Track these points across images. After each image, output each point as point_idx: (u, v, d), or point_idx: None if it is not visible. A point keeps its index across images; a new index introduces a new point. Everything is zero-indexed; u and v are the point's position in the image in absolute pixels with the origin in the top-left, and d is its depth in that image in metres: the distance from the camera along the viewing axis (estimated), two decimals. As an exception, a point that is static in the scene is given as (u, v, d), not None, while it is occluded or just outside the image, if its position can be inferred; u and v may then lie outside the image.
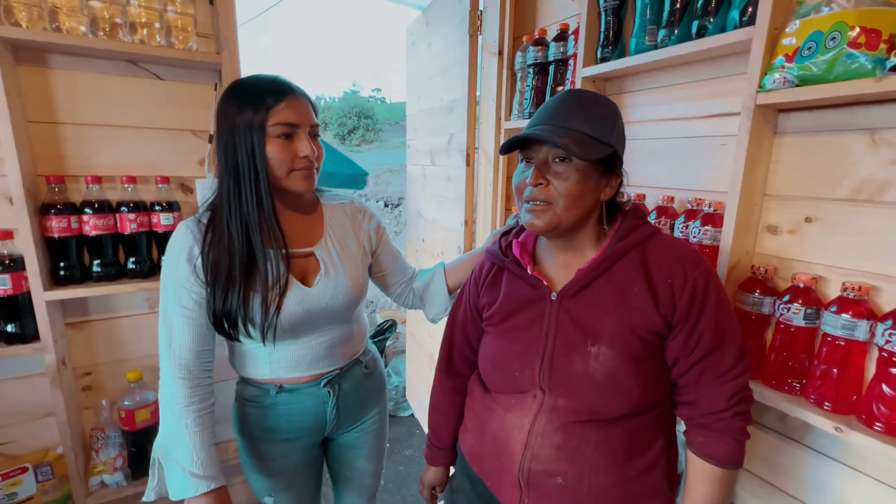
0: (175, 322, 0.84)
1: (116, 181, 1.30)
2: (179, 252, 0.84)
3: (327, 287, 0.92)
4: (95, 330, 1.37)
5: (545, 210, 0.69)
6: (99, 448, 1.33)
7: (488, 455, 0.78)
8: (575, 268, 0.74)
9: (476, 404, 0.84)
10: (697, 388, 0.69)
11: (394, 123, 16.22)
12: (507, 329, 0.78)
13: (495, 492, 0.78)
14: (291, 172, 0.86)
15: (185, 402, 0.84)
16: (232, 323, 0.85)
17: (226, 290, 0.83)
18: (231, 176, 0.84)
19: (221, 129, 0.84)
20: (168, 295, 0.85)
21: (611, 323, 0.68)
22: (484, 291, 0.84)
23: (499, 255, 0.82)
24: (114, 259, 1.28)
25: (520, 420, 0.73)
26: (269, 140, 0.82)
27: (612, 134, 0.69)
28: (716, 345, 0.67)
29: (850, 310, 0.75)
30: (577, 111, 0.69)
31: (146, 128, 1.33)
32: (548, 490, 0.71)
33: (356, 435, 1.09)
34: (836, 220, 0.81)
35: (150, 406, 1.36)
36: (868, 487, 0.81)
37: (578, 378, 0.69)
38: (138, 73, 1.30)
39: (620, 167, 0.73)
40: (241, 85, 0.86)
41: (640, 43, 1.07)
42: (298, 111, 0.85)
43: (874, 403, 0.73)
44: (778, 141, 0.88)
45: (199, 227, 0.86)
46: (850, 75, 0.70)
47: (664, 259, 0.69)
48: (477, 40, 1.69)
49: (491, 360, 0.80)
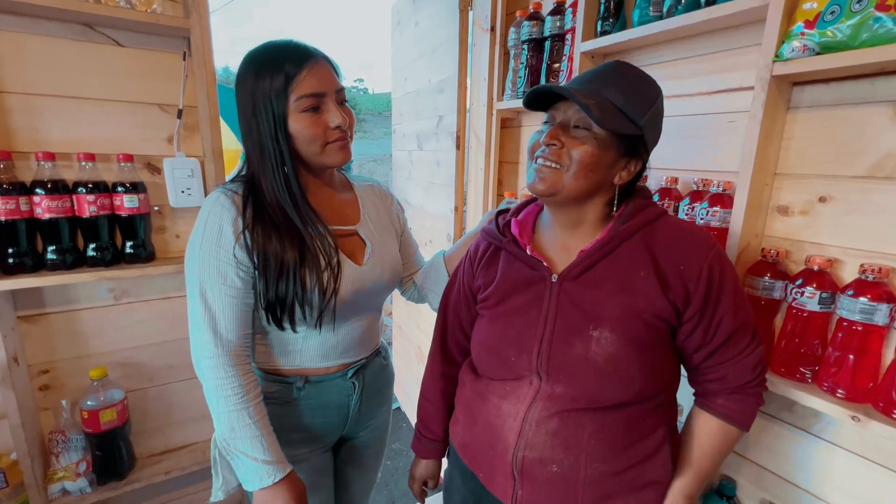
0: (220, 304, 0.76)
1: (73, 158, 1.18)
2: (221, 224, 0.76)
3: (375, 266, 0.90)
4: (53, 324, 1.25)
5: (553, 172, 0.66)
6: (59, 452, 1.22)
7: (480, 445, 0.75)
8: (576, 249, 0.70)
9: (467, 394, 0.80)
10: (724, 367, 0.69)
11: (377, 114, 16.00)
12: (504, 312, 0.74)
13: (487, 484, 0.75)
14: (326, 146, 0.80)
15: (244, 392, 0.77)
16: (288, 309, 0.78)
17: (279, 273, 0.77)
18: (258, 156, 0.79)
19: (242, 108, 0.79)
20: (208, 273, 0.75)
21: (614, 306, 0.65)
22: (479, 272, 0.80)
23: (496, 234, 0.78)
24: (71, 245, 1.17)
25: (514, 408, 0.70)
26: (295, 116, 0.77)
27: (646, 116, 0.65)
28: (737, 326, 0.67)
29: (869, 293, 0.71)
30: (615, 80, 0.65)
31: (106, 100, 1.21)
32: (542, 479, 0.68)
33: (370, 434, 1.03)
34: (853, 199, 0.77)
35: (117, 405, 1.25)
36: (879, 477, 0.78)
37: (578, 363, 0.66)
38: (96, 39, 1.17)
39: (645, 152, 0.68)
40: (254, 58, 0.78)
41: (643, 14, 1.01)
42: (322, 78, 0.78)
43: (893, 390, 0.70)
44: (791, 116, 0.84)
45: (234, 197, 0.79)
46: (877, 41, 0.65)
47: (673, 243, 0.66)
48: (468, 15, 1.61)
49: (485, 344, 0.76)
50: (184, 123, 1.30)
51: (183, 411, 1.46)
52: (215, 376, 0.76)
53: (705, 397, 0.72)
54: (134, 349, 1.36)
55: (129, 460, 1.34)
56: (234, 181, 0.83)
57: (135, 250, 1.23)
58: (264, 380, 0.89)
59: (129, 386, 1.36)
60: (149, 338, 1.37)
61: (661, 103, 0.68)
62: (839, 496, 0.84)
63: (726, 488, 0.96)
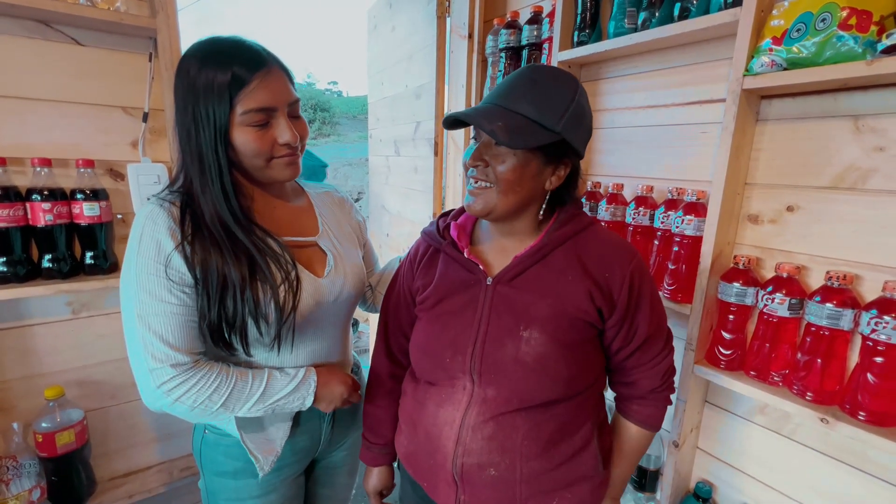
0: (163, 322, 0.67)
1: (26, 164, 1.10)
2: (158, 238, 0.68)
3: (337, 278, 0.83)
4: (2, 340, 1.16)
5: (485, 192, 0.68)
6: (10, 479, 1.13)
7: (422, 453, 0.76)
8: (513, 253, 0.72)
9: (408, 404, 0.81)
10: (636, 371, 0.74)
11: (351, 117, 15.82)
12: (440, 313, 0.74)
13: (431, 493, 0.76)
14: (272, 161, 0.73)
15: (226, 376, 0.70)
16: (238, 328, 0.71)
17: (222, 289, 0.69)
18: (196, 167, 0.70)
19: (180, 108, 0.70)
20: (146, 292, 0.67)
21: (544, 308, 0.68)
22: (419, 274, 0.80)
23: (435, 236, 0.79)
24: (24, 256, 1.09)
25: (451, 415, 0.71)
26: (240, 129, 0.69)
27: (563, 119, 0.64)
28: (652, 332, 0.72)
29: (835, 299, 0.74)
30: (527, 90, 0.65)
31: (64, 101, 1.13)
32: (482, 483, 0.70)
33: (343, 454, 0.98)
34: (819, 209, 0.81)
35: (75, 426, 1.17)
36: (846, 476, 0.81)
37: (508, 363, 0.68)
38: (52, 37, 1.10)
39: (573, 155, 0.68)
40: (198, 52, 0.69)
41: (618, 26, 1.03)
42: (274, 90, 0.70)
43: (858, 393, 0.73)
44: (760, 129, 0.87)
45: (171, 209, 0.70)
46: (839, 58, 0.69)
47: (601, 252, 0.70)
48: (445, 22, 1.61)
49: (421, 347, 0.77)
50: (150, 127, 1.24)
51: (148, 430, 1.38)
52: (186, 393, 0.67)
53: (622, 402, 0.79)
54: (94, 366, 1.28)
55: (89, 484, 1.25)
56: (169, 191, 0.74)
57: (95, 261, 1.16)
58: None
59: (88, 405, 1.27)
60: (110, 353, 1.29)
61: (581, 99, 0.66)
62: (812, 496, 0.87)
63: (703, 491, 0.98)
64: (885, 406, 0.70)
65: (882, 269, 0.74)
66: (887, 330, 0.68)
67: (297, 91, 0.76)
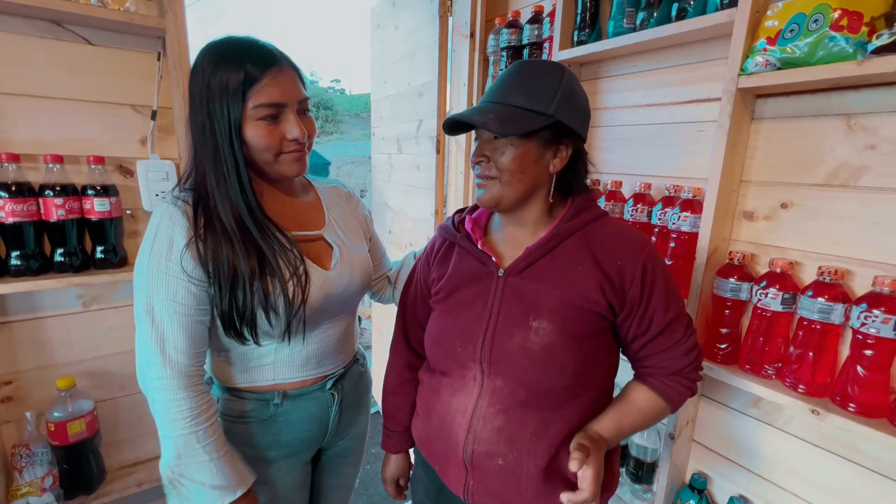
0: (168, 322, 0.71)
1: (39, 160, 1.13)
2: (171, 236, 0.71)
3: (344, 270, 0.86)
4: (16, 332, 1.19)
5: (492, 183, 0.70)
6: (23, 467, 1.16)
7: (435, 438, 0.79)
8: (524, 245, 0.73)
9: (425, 392, 0.84)
10: (661, 356, 0.73)
11: (354, 115, 15.83)
12: (452, 304, 0.77)
13: (442, 475, 0.79)
14: (280, 156, 0.76)
15: (193, 415, 0.73)
16: (248, 320, 0.75)
17: (233, 281, 0.73)
18: (211, 161, 0.73)
19: (194, 104, 0.73)
20: (156, 290, 0.71)
21: (554, 299, 0.69)
22: (434, 267, 0.84)
23: (451, 230, 0.82)
24: (37, 250, 1.12)
25: (463, 404, 0.74)
26: (251, 123, 0.72)
27: (553, 102, 0.66)
28: (670, 318, 0.71)
29: (826, 294, 0.75)
30: (517, 83, 0.68)
31: (75, 100, 1.16)
32: (490, 471, 0.72)
33: (348, 443, 1.01)
34: (812, 206, 0.82)
35: (86, 416, 1.21)
36: (836, 466, 0.83)
37: (516, 352, 0.69)
38: (64, 37, 1.13)
39: (574, 137, 0.70)
40: (213, 52, 0.72)
41: (617, 26, 1.05)
42: (284, 87, 0.73)
43: (848, 385, 0.74)
44: (755, 127, 0.88)
45: (185, 208, 0.74)
46: (831, 58, 0.70)
47: (612, 243, 0.70)
48: (447, 21, 1.63)
49: (434, 337, 0.79)
50: (158, 125, 1.26)
51: (156, 421, 1.41)
52: (164, 398, 0.72)
53: (644, 378, 0.75)
54: (104, 357, 1.31)
55: (99, 473, 1.29)
56: (181, 188, 0.78)
57: (105, 255, 1.19)
58: (233, 399, 0.85)
59: (98, 396, 1.31)
60: (120, 345, 1.33)
61: (569, 80, 0.68)
62: (804, 487, 0.88)
63: (698, 482, 1.00)
64: (874, 398, 0.72)
65: (872, 265, 0.75)
66: (876, 324, 0.69)
67: (306, 91, 0.79)
